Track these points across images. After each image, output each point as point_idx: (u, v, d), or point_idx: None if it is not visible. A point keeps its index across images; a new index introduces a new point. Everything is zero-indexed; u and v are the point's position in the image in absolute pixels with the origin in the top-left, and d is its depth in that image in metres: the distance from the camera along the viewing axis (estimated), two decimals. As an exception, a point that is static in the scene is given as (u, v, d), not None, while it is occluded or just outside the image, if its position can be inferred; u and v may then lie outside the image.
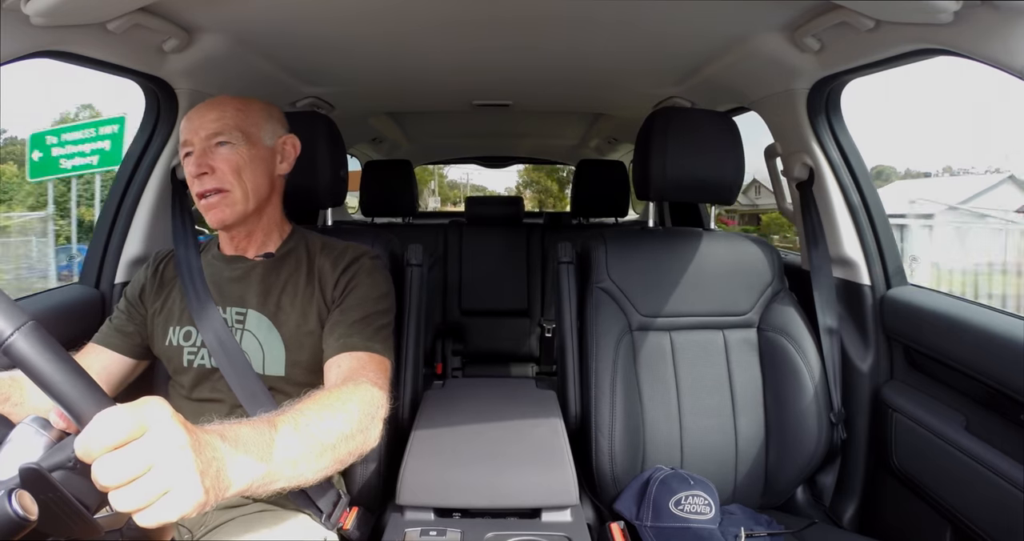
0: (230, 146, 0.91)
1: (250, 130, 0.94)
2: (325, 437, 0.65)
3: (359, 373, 0.81)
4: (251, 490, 0.55)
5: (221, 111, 0.93)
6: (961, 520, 0.97)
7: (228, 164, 0.91)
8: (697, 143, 1.21)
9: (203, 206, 0.92)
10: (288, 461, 0.59)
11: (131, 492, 0.43)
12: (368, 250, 1.00)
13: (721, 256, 1.26)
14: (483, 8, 1.06)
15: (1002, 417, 0.96)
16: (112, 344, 0.96)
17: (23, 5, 0.81)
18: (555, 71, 1.51)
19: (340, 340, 0.87)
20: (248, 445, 0.55)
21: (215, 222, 0.92)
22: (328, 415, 0.67)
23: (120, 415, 0.44)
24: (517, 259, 2.45)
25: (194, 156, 0.91)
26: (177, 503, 0.44)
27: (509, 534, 0.78)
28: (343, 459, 0.68)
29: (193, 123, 0.92)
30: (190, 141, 0.92)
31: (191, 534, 0.85)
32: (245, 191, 0.92)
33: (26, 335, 0.45)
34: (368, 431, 0.72)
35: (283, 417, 0.63)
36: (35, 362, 0.45)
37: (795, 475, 1.17)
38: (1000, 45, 0.78)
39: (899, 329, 1.18)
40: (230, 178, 0.91)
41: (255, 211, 0.95)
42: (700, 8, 1.03)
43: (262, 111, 0.97)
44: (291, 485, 0.61)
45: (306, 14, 1.07)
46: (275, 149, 0.98)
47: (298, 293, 0.94)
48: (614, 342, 1.16)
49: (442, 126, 2.69)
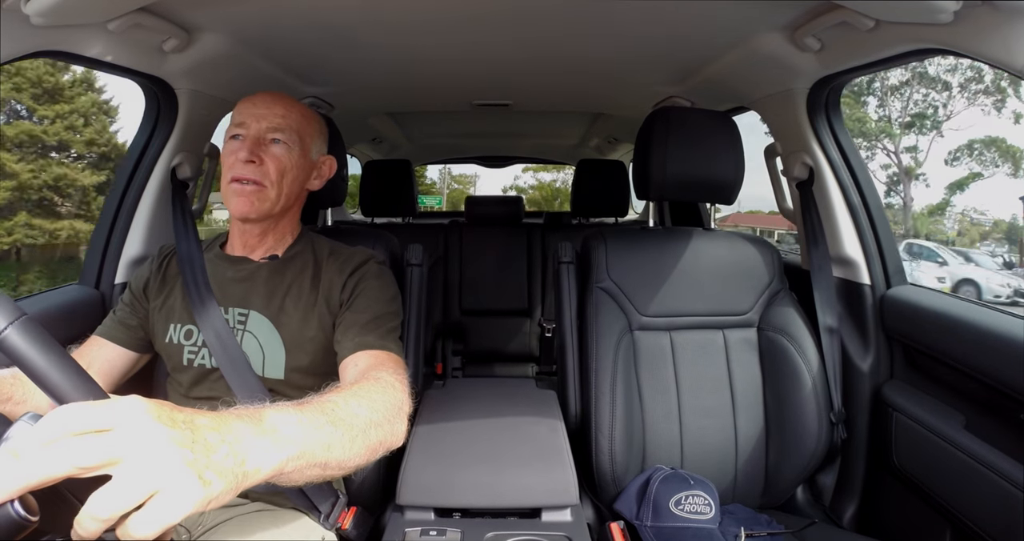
0: (285, 147, 0.92)
1: (305, 139, 0.95)
2: (355, 421, 0.61)
3: (378, 369, 0.80)
4: (284, 473, 0.50)
5: (288, 109, 0.94)
6: (961, 519, 0.97)
7: (277, 163, 0.91)
8: (697, 143, 1.21)
9: (232, 190, 0.91)
10: (321, 444, 0.55)
11: (98, 499, 0.38)
12: (374, 255, 1.00)
13: (721, 256, 1.26)
14: (483, 8, 1.06)
15: (1002, 416, 0.96)
16: (114, 337, 0.96)
17: (23, 5, 0.81)
18: (555, 71, 1.51)
19: (355, 339, 0.86)
20: (276, 424, 0.51)
21: (239, 211, 0.91)
22: (355, 402, 0.65)
23: (90, 406, 0.40)
24: (517, 259, 2.45)
25: (247, 141, 0.90)
26: (173, 503, 0.39)
27: (509, 534, 0.78)
28: (374, 447, 0.64)
29: (258, 109, 0.92)
30: (247, 124, 0.92)
31: (189, 534, 0.85)
32: (280, 194, 0.92)
33: (20, 329, 0.44)
34: (394, 423, 0.69)
35: (309, 402, 0.60)
36: (29, 356, 0.44)
37: (795, 475, 1.17)
38: (1000, 45, 0.78)
39: (899, 328, 1.18)
40: (273, 176, 0.91)
41: (278, 214, 0.96)
42: (700, 8, 1.03)
43: (319, 125, 1.00)
44: (326, 473, 0.57)
45: (306, 14, 1.07)
46: (316, 164, 1.00)
47: (302, 296, 0.94)
48: (614, 342, 1.16)
49: (442, 126, 2.69)
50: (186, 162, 1.32)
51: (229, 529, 0.84)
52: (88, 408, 0.40)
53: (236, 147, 0.91)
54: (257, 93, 0.95)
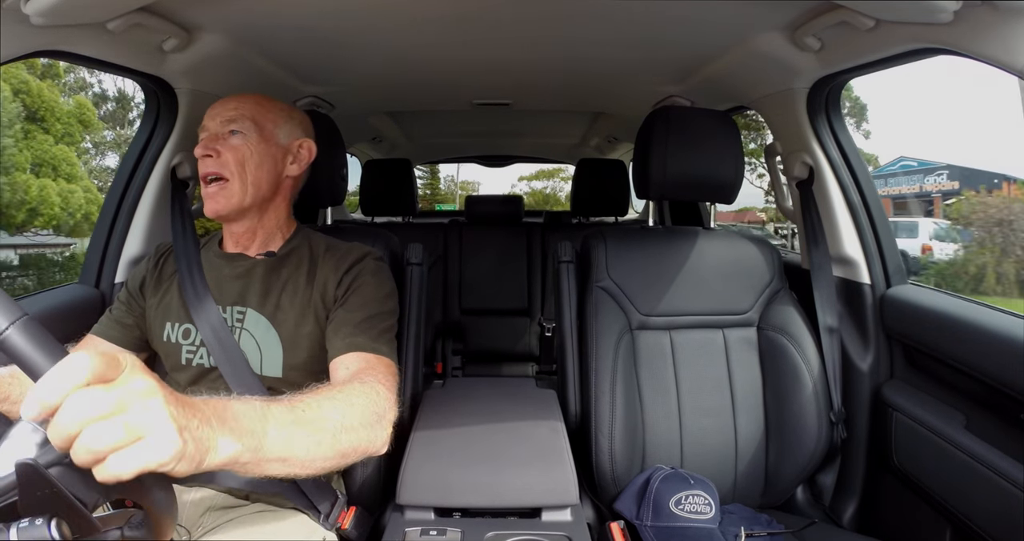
0: (241, 136, 0.93)
1: (264, 124, 0.95)
2: (323, 423, 0.63)
3: (368, 374, 0.80)
4: (239, 463, 0.52)
5: (240, 101, 0.96)
6: (961, 519, 0.97)
7: (234, 153, 0.92)
8: (697, 142, 1.21)
9: (204, 194, 0.94)
10: (280, 441, 0.57)
11: (105, 428, 0.40)
12: (372, 250, 1.00)
13: (721, 255, 1.26)
14: (483, 7, 1.06)
15: (1002, 416, 0.96)
16: (111, 336, 0.96)
17: (23, 5, 0.81)
18: (555, 70, 1.51)
19: (346, 339, 0.86)
20: (237, 415, 0.53)
21: (211, 212, 0.93)
22: (329, 405, 0.66)
23: (88, 355, 0.42)
24: (517, 258, 2.45)
25: (205, 139, 0.93)
26: (155, 447, 0.42)
27: (509, 533, 0.78)
28: (344, 452, 0.65)
29: (214, 109, 0.95)
30: (207, 127, 0.95)
31: (189, 534, 0.85)
32: (244, 183, 0.92)
33: (20, 329, 0.45)
34: (374, 429, 0.70)
35: (279, 400, 0.61)
36: (30, 356, 0.44)
37: (795, 474, 1.17)
38: (1000, 45, 0.77)
39: (899, 328, 1.18)
40: (232, 167, 0.92)
41: (256, 208, 0.96)
42: (700, 8, 1.03)
43: (283, 110, 1.00)
44: (286, 470, 0.59)
45: (306, 14, 1.07)
46: (288, 149, 0.99)
47: (298, 293, 0.93)
48: (614, 341, 1.16)
49: (442, 125, 2.69)
50: (186, 161, 1.32)
51: (229, 529, 0.84)
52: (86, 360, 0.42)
53: (197, 148, 0.94)
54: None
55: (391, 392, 0.78)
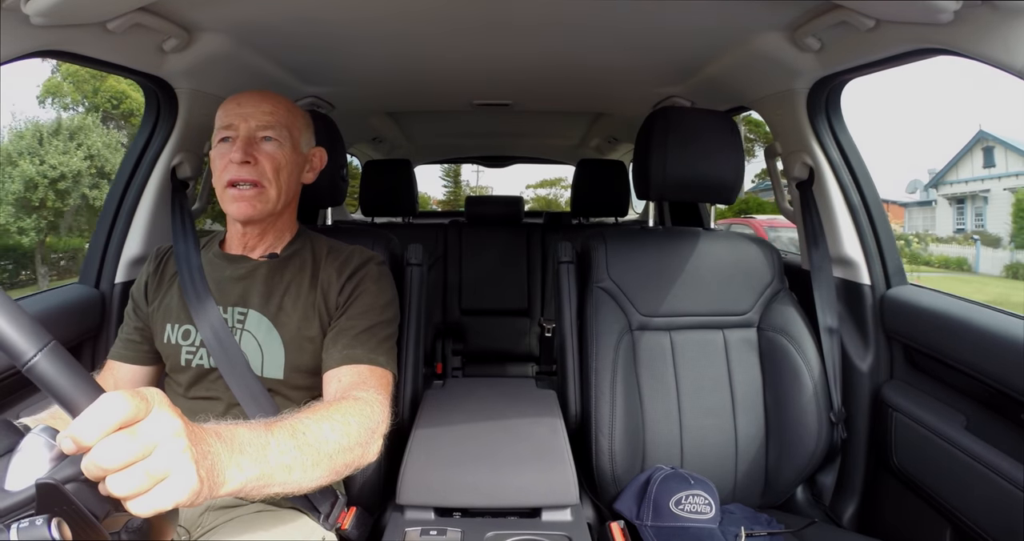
0: (276, 143, 0.91)
1: (295, 133, 0.95)
2: (322, 447, 0.65)
3: (360, 388, 0.80)
4: (244, 491, 0.55)
5: (275, 106, 0.92)
6: (961, 520, 0.97)
7: (271, 161, 0.90)
8: (697, 143, 1.21)
9: (232, 195, 0.90)
10: (283, 466, 0.59)
11: (131, 475, 0.43)
12: (374, 255, 0.99)
13: (721, 256, 1.26)
14: (483, 8, 1.06)
15: (1002, 417, 0.96)
16: (125, 356, 0.97)
17: (23, 5, 0.81)
18: (555, 71, 1.51)
19: (343, 351, 0.86)
20: (244, 445, 0.55)
21: (241, 215, 0.90)
22: (327, 427, 0.67)
23: (121, 397, 0.44)
24: (517, 259, 2.45)
25: (239, 143, 0.89)
26: (174, 489, 0.44)
27: (509, 533, 0.78)
28: (339, 471, 0.68)
29: (244, 109, 0.90)
30: (236, 126, 0.90)
31: (189, 534, 0.85)
32: (279, 191, 0.92)
33: (48, 356, 0.45)
34: (367, 446, 0.72)
35: (281, 423, 0.63)
36: (62, 388, 0.45)
37: (795, 474, 1.17)
38: (1000, 45, 0.77)
39: (899, 329, 1.18)
40: (270, 175, 0.90)
41: (278, 211, 0.96)
42: (700, 8, 1.03)
43: (305, 118, 1.00)
44: (285, 491, 0.61)
45: (306, 14, 1.07)
46: (307, 157, 1.00)
47: (300, 296, 0.93)
48: (614, 342, 1.16)
49: (442, 126, 2.69)
50: (186, 162, 1.32)
51: (229, 529, 0.84)
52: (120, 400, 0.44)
53: (227, 149, 0.90)
54: (240, 93, 0.94)
55: (384, 404, 0.79)
